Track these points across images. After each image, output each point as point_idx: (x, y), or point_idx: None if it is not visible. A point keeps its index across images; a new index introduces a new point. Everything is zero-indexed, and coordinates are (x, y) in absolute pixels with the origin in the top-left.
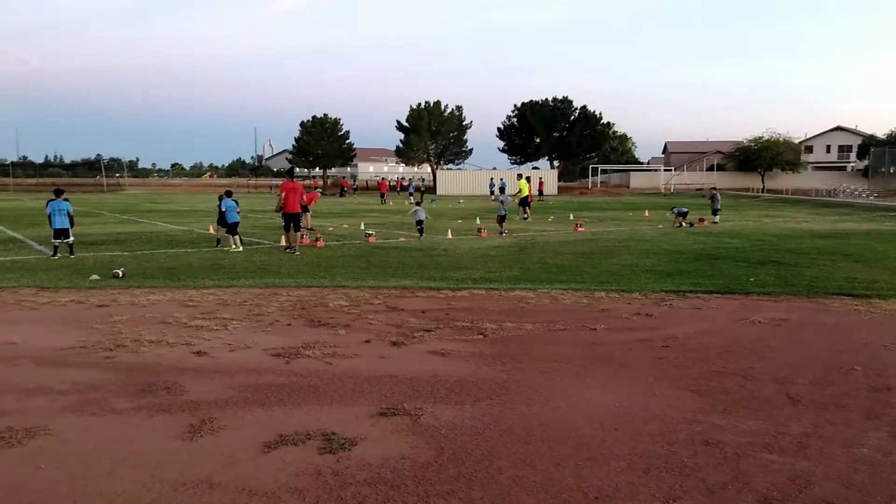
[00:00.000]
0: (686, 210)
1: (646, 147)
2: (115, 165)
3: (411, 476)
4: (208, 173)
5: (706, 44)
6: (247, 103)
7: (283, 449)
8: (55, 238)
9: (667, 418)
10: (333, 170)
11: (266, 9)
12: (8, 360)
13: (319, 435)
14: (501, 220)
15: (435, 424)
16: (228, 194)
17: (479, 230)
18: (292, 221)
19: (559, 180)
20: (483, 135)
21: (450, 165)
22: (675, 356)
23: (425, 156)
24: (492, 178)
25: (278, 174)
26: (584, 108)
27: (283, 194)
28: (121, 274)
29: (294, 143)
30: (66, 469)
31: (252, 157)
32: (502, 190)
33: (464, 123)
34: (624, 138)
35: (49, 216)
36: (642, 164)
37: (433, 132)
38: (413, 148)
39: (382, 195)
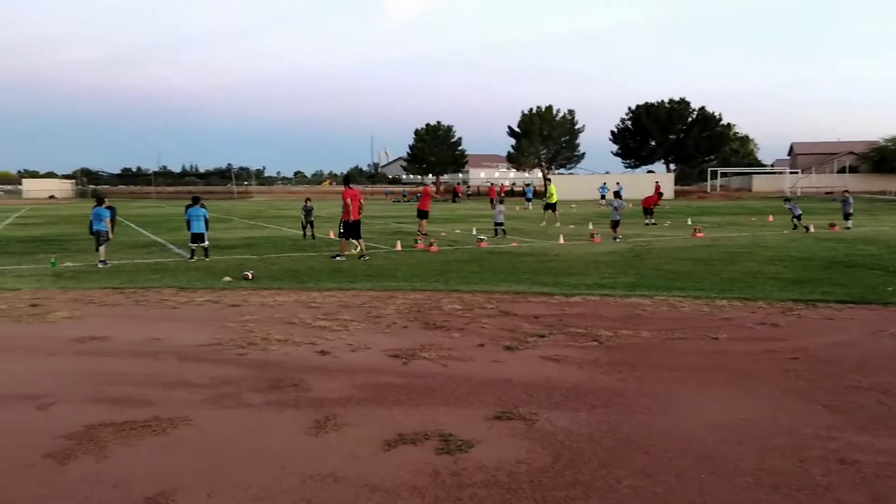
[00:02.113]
0: (800, 211)
1: (769, 149)
2: (243, 174)
3: (528, 481)
4: (328, 181)
5: (840, 38)
6: (363, 113)
7: (403, 448)
8: (192, 242)
9: (797, 434)
10: (445, 176)
11: (381, 21)
12: (153, 355)
13: (437, 435)
14: (615, 225)
15: (551, 430)
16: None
17: (591, 235)
18: (354, 229)
19: (675, 184)
20: (596, 138)
21: (561, 170)
22: (804, 369)
23: (536, 161)
24: (604, 183)
25: (393, 181)
26: (702, 109)
27: (349, 201)
28: (250, 276)
29: (408, 150)
30: (205, 458)
31: (368, 165)
32: (617, 195)
33: (576, 127)
34: (745, 140)
35: (187, 221)
36: (765, 166)
37: (544, 137)
38: (524, 153)
39: (492, 200)
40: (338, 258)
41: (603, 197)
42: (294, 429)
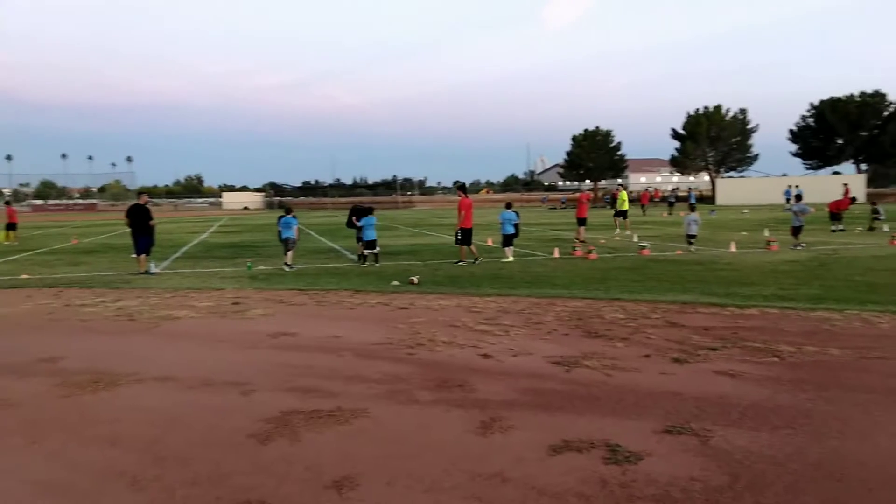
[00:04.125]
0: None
1: None
2: (407, 184)
3: (703, 499)
4: (485, 189)
5: None
6: (520, 121)
7: (569, 454)
8: (366, 248)
9: None
10: (604, 182)
11: (537, 28)
12: (335, 351)
13: (603, 445)
14: (796, 231)
15: (727, 448)
16: (508, 206)
17: (768, 243)
18: (468, 236)
19: (868, 186)
20: (771, 138)
21: (731, 173)
22: None
23: (703, 164)
24: (789, 186)
25: (549, 188)
26: None
27: (465, 212)
28: (416, 281)
29: (565, 156)
30: (382, 448)
31: (524, 173)
32: (798, 198)
33: (748, 127)
34: None
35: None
36: None
37: (712, 139)
38: (690, 156)
39: (643, 206)
40: (459, 263)
41: (788, 200)
42: (461, 427)
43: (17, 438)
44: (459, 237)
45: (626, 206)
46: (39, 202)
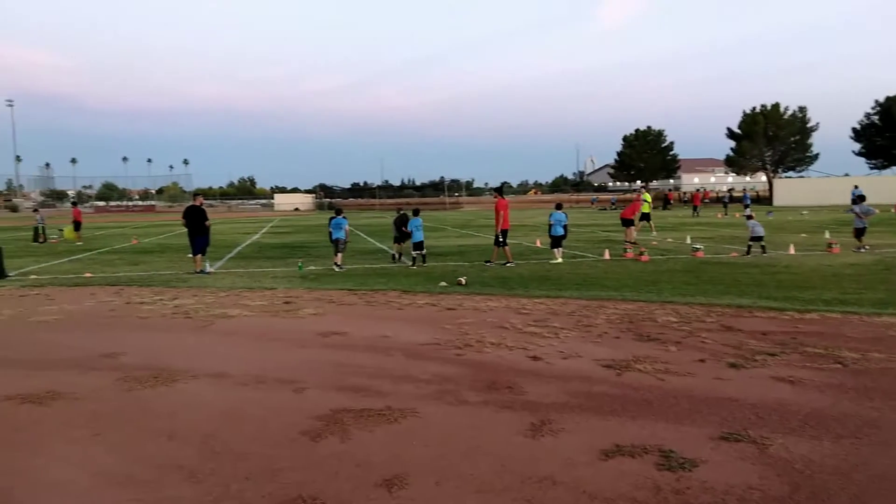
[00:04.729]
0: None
1: None
2: (454, 185)
3: None
4: (533, 190)
5: None
6: (569, 121)
7: (620, 459)
8: (414, 250)
9: None
10: (655, 182)
11: (591, 28)
12: (384, 351)
13: (656, 450)
14: (859, 233)
15: (787, 457)
16: (558, 207)
17: (829, 245)
18: (505, 237)
19: None
20: (832, 137)
21: (790, 173)
22: None
23: (760, 164)
24: (855, 186)
25: (599, 189)
26: None
27: (503, 213)
28: (463, 282)
29: (615, 157)
30: (431, 448)
31: (574, 174)
32: (861, 199)
33: (808, 126)
34: None
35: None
36: None
37: (770, 138)
38: (746, 156)
39: (695, 207)
40: (507, 265)
41: (853, 201)
42: (511, 429)
43: (82, 431)
44: (501, 239)
45: (647, 209)
46: (101, 203)
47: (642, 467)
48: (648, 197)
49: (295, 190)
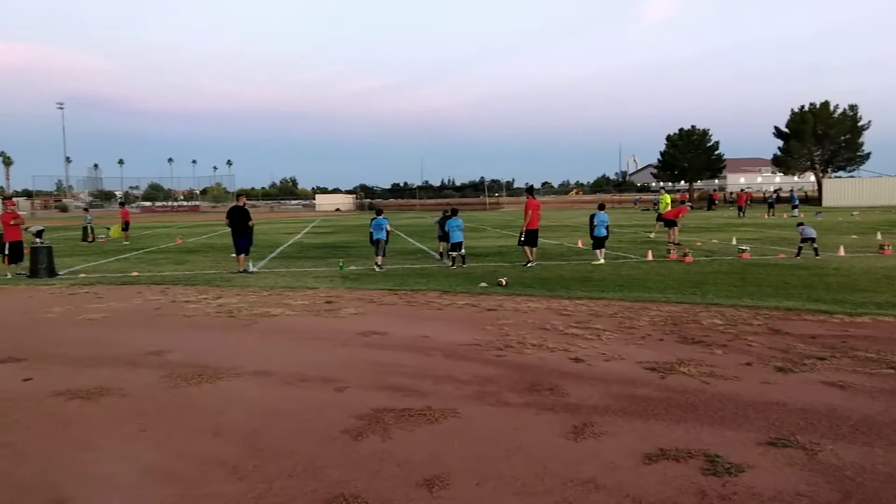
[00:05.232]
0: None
1: None
2: (494, 186)
3: None
4: (575, 190)
5: None
6: (611, 120)
7: (664, 463)
8: (451, 250)
9: None
10: (700, 182)
11: (634, 26)
12: (424, 351)
13: (702, 455)
14: None
15: (837, 464)
16: (601, 207)
17: (881, 247)
18: (533, 237)
19: None
20: (886, 135)
21: (840, 173)
22: None
23: (808, 163)
24: None
25: (641, 189)
26: None
27: (531, 213)
28: (504, 283)
29: (659, 157)
30: (472, 448)
31: (616, 174)
32: None
33: (859, 124)
34: None
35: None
36: None
37: (819, 137)
38: (794, 155)
39: (741, 208)
40: (527, 265)
41: None
42: (552, 431)
43: (129, 426)
44: (523, 238)
45: (663, 209)
46: (147, 204)
47: (687, 472)
48: (667, 198)
49: (336, 190)
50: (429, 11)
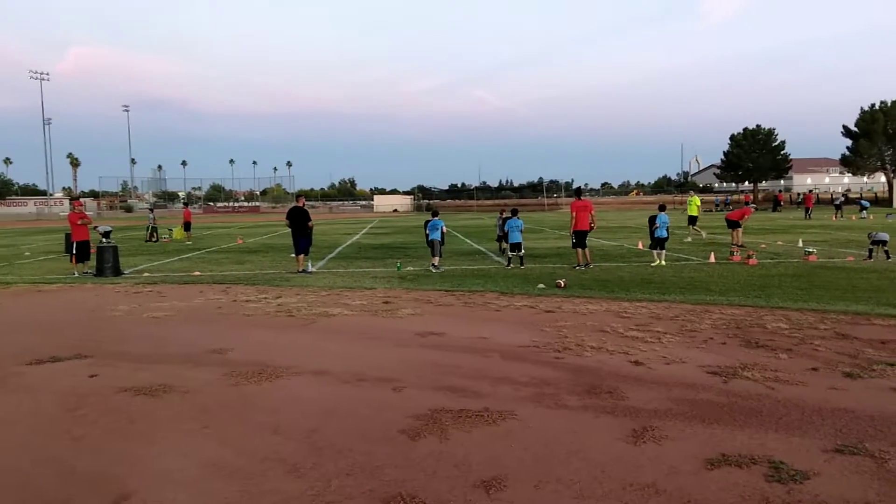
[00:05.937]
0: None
1: None
2: (553, 186)
3: None
4: (635, 191)
5: None
6: (673, 120)
7: (727, 469)
8: (511, 251)
9: None
10: (765, 183)
11: (695, 24)
12: (481, 352)
13: (765, 461)
14: None
15: None
16: (662, 209)
17: None
18: (581, 238)
19: None
20: None
21: None
22: None
23: (879, 163)
24: None
25: (704, 190)
26: None
27: (575, 214)
28: (563, 284)
29: (722, 157)
30: (530, 450)
31: (678, 174)
32: None
33: None
34: None
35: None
36: None
37: (890, 136)
38: (863, 155)
39: (808, 210)
40: (577, 268)
41: None
42: (611, 435)
43: (192, 423)
44: (574, 240)
45: (695, 212)
46: (209, 204)
47: (750, 478)
48: (697, 200)
49: (394, 191)
50: (484, 10)
